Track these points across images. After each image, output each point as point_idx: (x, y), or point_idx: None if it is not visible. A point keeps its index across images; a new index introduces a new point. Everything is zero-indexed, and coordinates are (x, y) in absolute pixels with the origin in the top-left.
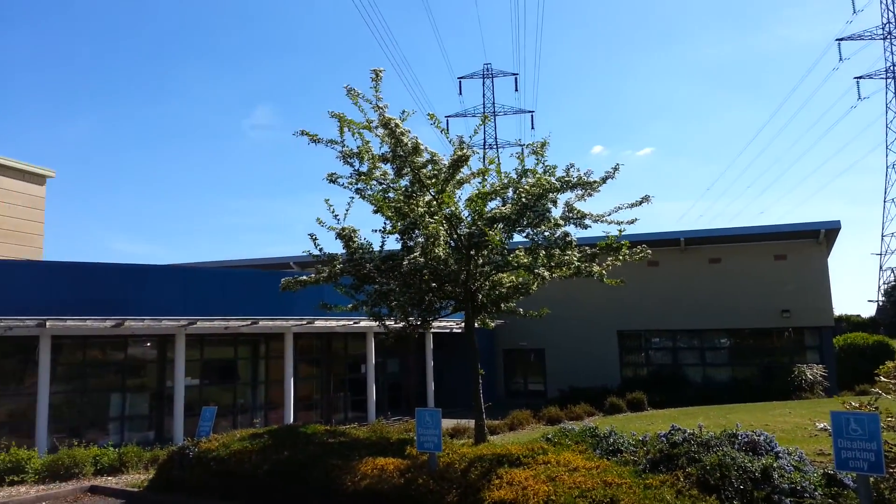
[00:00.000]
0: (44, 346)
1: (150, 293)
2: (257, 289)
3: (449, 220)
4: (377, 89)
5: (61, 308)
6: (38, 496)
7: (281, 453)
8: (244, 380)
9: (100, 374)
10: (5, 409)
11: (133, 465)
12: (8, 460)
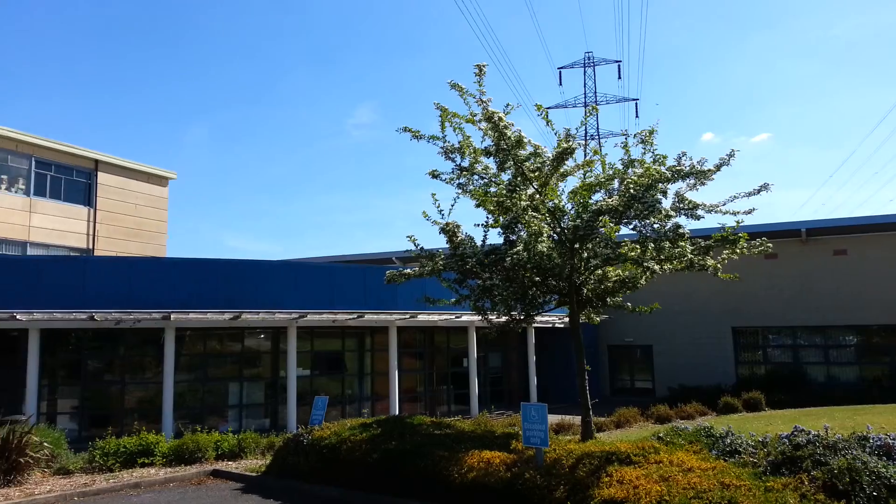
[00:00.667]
0: (168, 338)
1: (264, 287)
2: (362, 283)
3: (552, 214)
4: (480, 83)
5: (184, 302)
6: (166, 478)
7: (389, 443)
8: (351, 371)
9: (219, 365)
10: (135, 396)
11: (251, 450)
12: (139, 443)
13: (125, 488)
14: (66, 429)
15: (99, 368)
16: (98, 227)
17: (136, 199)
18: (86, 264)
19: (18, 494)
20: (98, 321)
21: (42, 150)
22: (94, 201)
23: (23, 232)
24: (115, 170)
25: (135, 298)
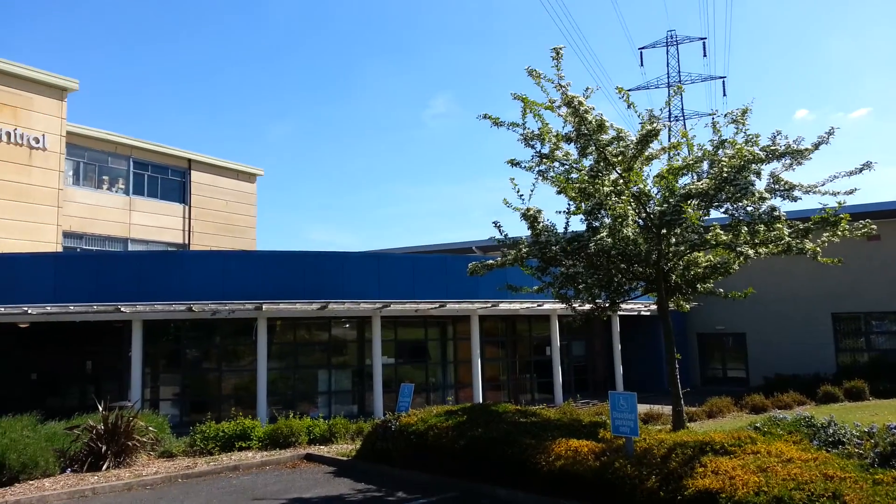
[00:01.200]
0: (261, 327)
1: (349, 278)
2: (443, 273)
3: (637, 199)
4: (558, 68)
5: (274, 293)
6: (263, 461)
7: (475, 430)
8: (434, 359)
9: (308, 353)
10: (230, 383)
11: (341, 435)
12: (236, 428)
13: (225, 471)
14: (168, 414)
15: (197, 357)
16: (192, 223)
17: (227, 196)
18: (183, 258)
19: (128, 475)
20: (196, 312)
21: (139, 151)
22: (188, 198)
23: (124, 229)
24: (207, 168)
25: (228, 290)
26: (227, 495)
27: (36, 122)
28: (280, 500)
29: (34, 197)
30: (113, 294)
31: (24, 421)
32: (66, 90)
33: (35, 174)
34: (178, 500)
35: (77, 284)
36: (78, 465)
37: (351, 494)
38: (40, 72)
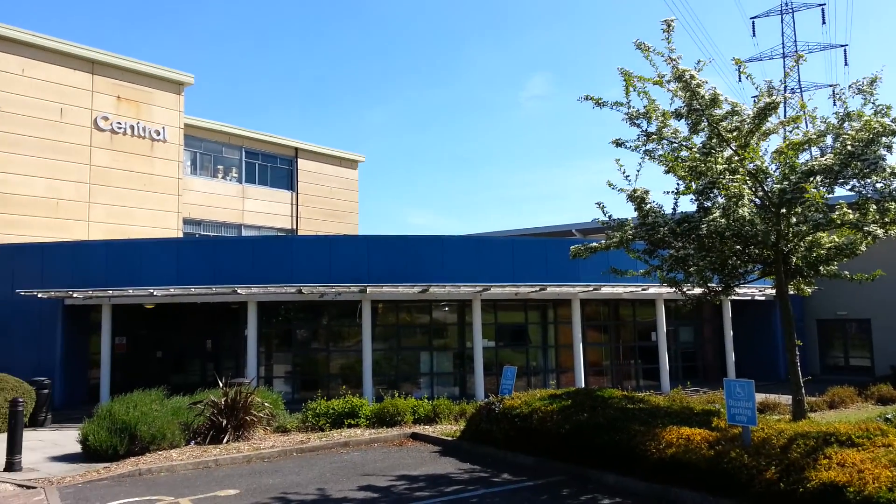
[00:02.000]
0: (365, 309)
1: (449, 262)
2: (543, 256)
3: (754, 176)
4: (669, 41)
5: (377, 276)
6: (371, 438)
7: (581, 415)
8: (535, 343)
9: (409, 335)
10: (337, 363)
11: (444, 416)
12: (345, 406)
13: (336, 446)
14: (281, 391)
15: (306, 337)
16: (299, 209)
17: (331, 182)
18: (292, 243)
19: (247, 448)
20: (305, 294)
21: (250, 142)
22: (295, 185)
23: (237, 216)
24: (312, 156)
25: (334, 273)
26: (340, 470)
27: (157, 115)
28: (389, 476)
29: (157, 186)
30: (229, 277)
31: (153, 395)
32: (182, 84)
33: (157, 165)
34: (294, 472)
35: (197, 268)
36: (201, 437)
37: (457, 474)
38: (160, 67)
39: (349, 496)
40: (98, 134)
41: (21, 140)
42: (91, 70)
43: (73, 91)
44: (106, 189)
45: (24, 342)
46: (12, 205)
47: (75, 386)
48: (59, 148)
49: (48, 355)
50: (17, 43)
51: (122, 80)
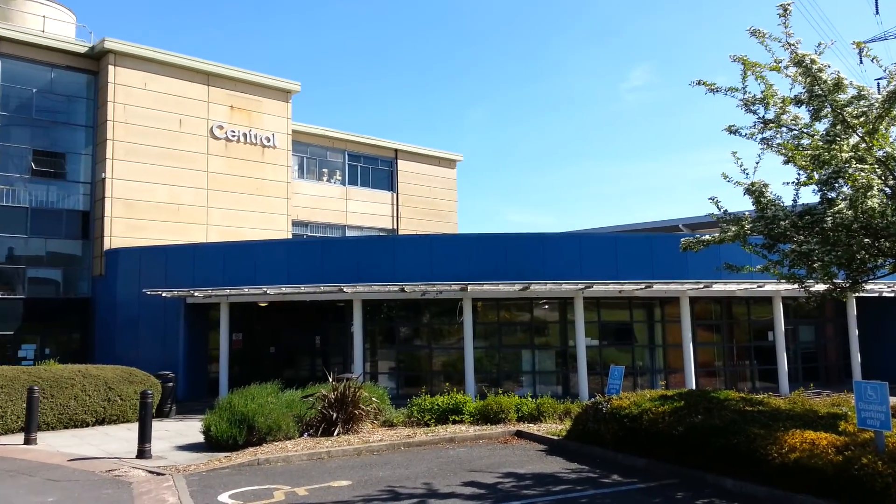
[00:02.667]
0: (466, 307)
1: (550, 259)
2: (648, 252)
3: (884, 164)
4: (786, 25)
5: (477, 274)
6: (476, 435)
7: (695, 416)
8: (641, 342)
9: (510, 333)
10: (439, 359)
11: (549, 415)
12: (449, 402)
13: (441, 442)
14: (386, 387)
15: (408, 334)
16: (400, 209)
17: (430, 182)
18: (394, 243)
19: (356, 441)
20: (407, 292)
21: (352, 145)
22: (395, 186)
23: (341, 217)
24: (411, 156)
25: (435, 272)
26: (446, 465)
27: (267, 122)
28: (495, 473)
29: (267, 190)
30: (335, 276)
31: (268, 389)
32: (290, 92)
33: (267, 170)
34: (402, 466)
35: (306, 267)
36: (313, 429)
37: (564, 473)
38: (269, 77)
39: (456, 491)
40: (214, 142)
41: (145, 150)
42: (206, 82)
43: (191, 102)
44: (221, 194)
45: (150, 338)
46: (138, 210)
47: (196, 379)
48: (178, 156)
49: (172, 350)
50: (140, 59)
51: (234, 91)
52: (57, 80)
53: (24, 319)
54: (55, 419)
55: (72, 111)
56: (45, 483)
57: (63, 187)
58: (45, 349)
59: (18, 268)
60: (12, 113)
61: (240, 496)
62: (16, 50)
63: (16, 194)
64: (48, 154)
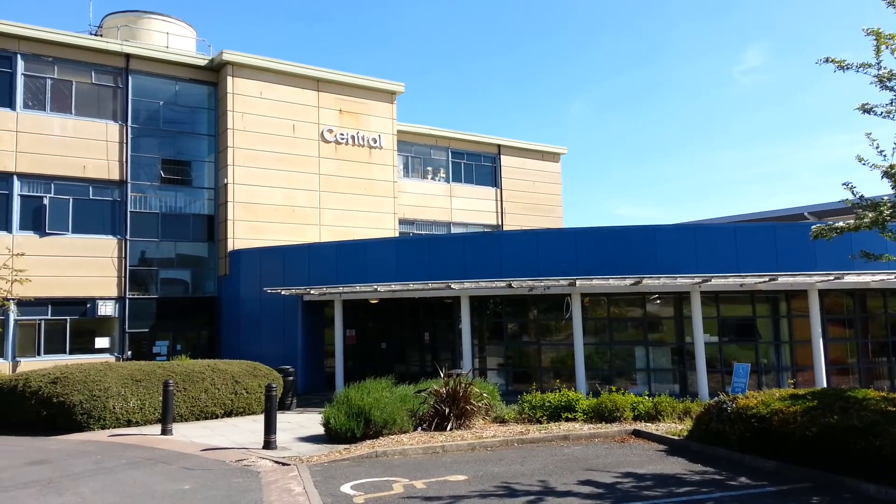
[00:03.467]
0: (575, 303)
1: (663, 252)
2: (771, 242)
3: None
4: None
5: (586, 268)
6: (591, 433)
7: (829, 417)
8: (764, 338)
9: (621, 329)
10: (548, 356)
11: (667, 414)
12: (561, 400)
13: (555, 439)
14: (495, 383)
15: (515, 330)
16: (504, 205)
17: (533, 177)
18: (500, 238)
19: (470, 436)
20: (514, 288)
21: (455, 142)
22: (499, 182)
23: (446, 214)
24: (514, 151)
25: (542, 267)
26: (562, 463)
27: (373, 124)
28: (613, 473)
29: (375, 190)
30: (442, 272)
31: (383, 384)
32: (394, 94)
33: (375, 170)
34: (516, 463)
35: (413, 265)
36: (426, 424)
37: (687, 475)
38: (374, 80)
39: (574, 490)
40: (324, 145)
41: (262, 155)
42: (316, 88)
43: (303, 108)
44: (332, 195)
45: (271, 334)
46: (257, 213)
47: (314, 373)
48: (292, 160)
49: (291, 346)
50: (255, 69)
51: (342, 95)
52: (181, 92)
53: (158, 317)
54: (188, 411)
55: (195, 121)
56: (182, 471)
57: (189, 193)
58: (177, 345)
59: (151, 269)
60: (142, 125)
61: (360, 487)
62: (144, 66)
63: (147, 201)
64: (175, 162)
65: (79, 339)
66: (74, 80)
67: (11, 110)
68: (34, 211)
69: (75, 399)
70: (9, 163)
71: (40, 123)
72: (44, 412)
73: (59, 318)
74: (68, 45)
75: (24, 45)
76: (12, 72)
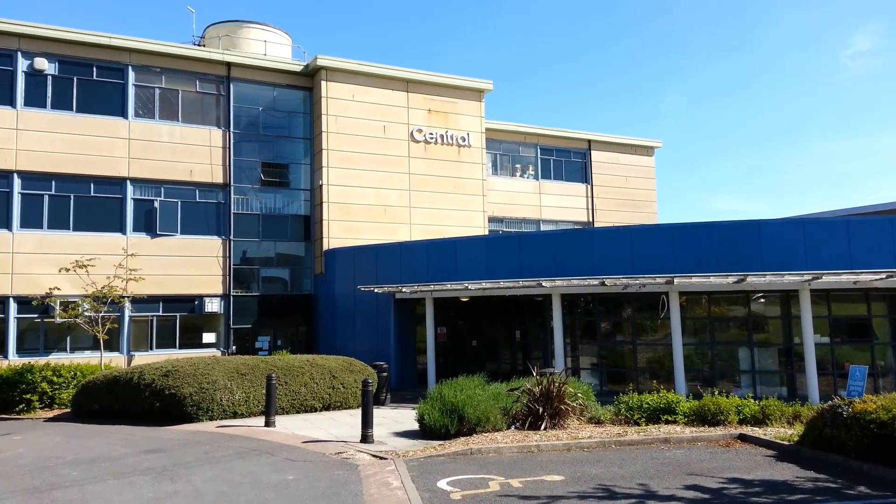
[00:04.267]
0: (673, 302)
1: (768, 248)
2: (890, 237)
3: None
4: None
5: (684, 265)
6: (693, 436)
7: None
8: (881, 339)
9: (722, 329)
10: (644, 356)
11: (775, 418)
12: (660, 401)
13: (655, 442)
14: (590, 383)
15: (609, 329)
16: (595, 201)
17: (626, 171)
18: (592, 235)
19: (565, 436)
20: (607, 286)
21: (544, 139)
22: (589, 178)
23: (535, 211)
24: (605, 146)
25: (637, 264)
26: (663, 466)
27: (461, 123)
28: (719, 478)
29: (464, 188)
30: (533, 270)
31: (475, 381)
32: (482, 91)
33: (464, 168)
34: (615, 465)
35: (503, 263)
36: (519, 423)
37: (799, 482)
38: (463, 78)
39: (677, 494)
40: (414, 145)
41: (355, 156)
42: (406, 88)
43: (393, 109)
44: (422, 194)
45: (364, 331)
46: (351, 213)
47: (405, 370)
48: (383, 161)
49: (384, 342)
50: (347, 72)
51: (431, 95)
52: (278, 97)
53: (259, 314)
54: (288, 404)
55: (292, 125)
56: (285, 462)
57: (287, 194)
58: (278, 340)
59: (252, 268)
60: (243, 130)
61: (457, 484)
62: (244, 74)
63: (248, 203)
64: (273, 165)
65: (187, 334)
66: (180, 89)
67: (124, 119)
68: (146, 214)
69: (185, 391)
70: (123, 169)
71: (150, 131)
72: (157, 403)
73: (169, 315)
74: (174, 56)
75: (135, 58)
76: (124, 83)
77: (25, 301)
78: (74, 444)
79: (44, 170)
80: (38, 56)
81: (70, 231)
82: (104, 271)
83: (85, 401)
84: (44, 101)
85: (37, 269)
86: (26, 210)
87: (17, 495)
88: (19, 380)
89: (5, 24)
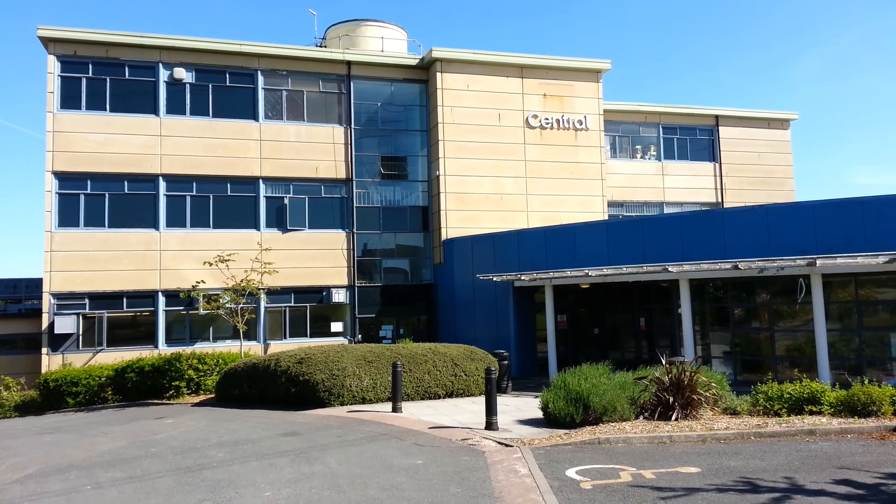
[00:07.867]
0: (815, 285)
1: None
2: None
3: None
4: None
5: (827, 246)
6: (842, 428)
7: None
8: None
9: (871, 313)
10: (781, 344)
11: None
12: (803, 391)
13: (799, 434)
14: (724, 372)
15: (742, 315)
16: (724, 180)
17: (758, 147)
18: (722, 216)
19: (699, 427)
20: (741, 270)
21: (667, 117)
22: (717, 156)
23: (658, 193)
24: (735, 121)
25: (773, 245)
26: (809, 459)
27: (578, 105)
28: (874, 473)
29: (582, 173)
30: (657, 255)
31: (600, 370)
32: (600, 72)
33: (581, 152)
34: (755, 457)
35: (625, 248)
36: (647, 413)
37: None
38: (579, 60)
39: (826, 489)
40: (529, 131)
41: (471, 146)
42: (520, 74)
43: (508, 96)
44: (538, 180)
45: (484, 319)
46: (468, 202)
47: (526, 358)
48: (499, 149)
49: (503, 330)
50: (461, 62)
51: (546, 79)
52: (395, 92)
53: (382, 304)
54: (413, 391)
55: (408, 118)
56: (413, 447)
57: (405, 187)
58: (400, 329)
59: (374, 259)
60: (363, 126)
61: (586, 473)
62: (363, 71)
63: (369, 196)
64: (392, 158)
65: (316, 323)
66: (305, 90)
67: (255, 121)
68: (277, 210)
69: (318, 378)
70: (255, 168)
71: (278, 132)
72: (292, 389)
73: (300, 305)
74: (299, 59)
75: (263, 62)
76: (254, 87)
77: (172, 294)
78: (219, 427)
79: (185, 172)
80: (177, 66)
81: (210, 228)
82: (241, 265)
83: (227, 386)
84: (183, 108)
85: (181, 265)
86: (171, 211)
87: (172, 474)
88: (168, 368)
89: (147, 38)
